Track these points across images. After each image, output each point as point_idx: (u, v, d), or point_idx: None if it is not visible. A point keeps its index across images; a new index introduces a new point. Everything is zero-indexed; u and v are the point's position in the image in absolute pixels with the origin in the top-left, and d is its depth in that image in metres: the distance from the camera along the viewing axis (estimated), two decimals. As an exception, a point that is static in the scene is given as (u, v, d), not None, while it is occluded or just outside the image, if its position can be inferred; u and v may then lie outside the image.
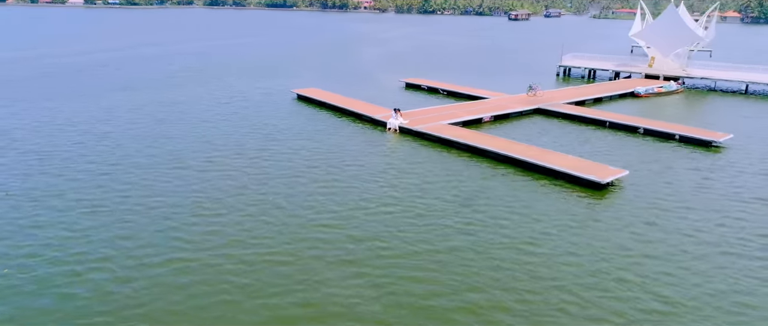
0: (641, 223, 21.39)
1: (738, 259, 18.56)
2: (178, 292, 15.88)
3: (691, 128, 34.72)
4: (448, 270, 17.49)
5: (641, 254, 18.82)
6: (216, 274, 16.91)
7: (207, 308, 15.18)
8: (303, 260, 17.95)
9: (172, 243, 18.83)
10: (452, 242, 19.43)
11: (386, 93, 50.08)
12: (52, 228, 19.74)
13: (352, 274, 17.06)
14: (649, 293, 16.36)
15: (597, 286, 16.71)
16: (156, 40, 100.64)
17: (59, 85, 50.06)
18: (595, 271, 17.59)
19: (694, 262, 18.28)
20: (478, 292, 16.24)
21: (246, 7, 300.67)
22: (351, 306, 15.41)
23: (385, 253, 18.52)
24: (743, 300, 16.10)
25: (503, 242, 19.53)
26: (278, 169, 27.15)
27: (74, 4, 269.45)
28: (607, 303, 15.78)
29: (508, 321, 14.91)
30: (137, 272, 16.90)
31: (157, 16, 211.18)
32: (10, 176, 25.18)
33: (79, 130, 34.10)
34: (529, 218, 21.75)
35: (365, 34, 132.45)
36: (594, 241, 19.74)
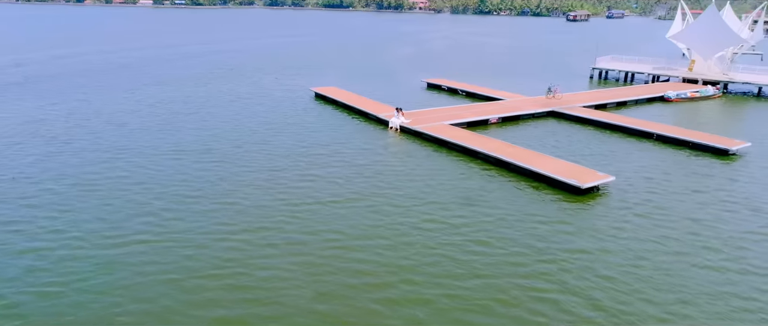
0: (610, 228, 20.85)
1: (690, 268, 17.81)
2: (124, 268, 17.03)
3: (706, 135, 33.07)
4: (376, 261, 17.80)
5: (594, 259, 18.40)
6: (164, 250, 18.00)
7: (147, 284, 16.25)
8: (250, 246, 18.75)
9: (135, 219, 20.12)
10: (394, 237, 19.64)
11: (407, 92, 50.46)
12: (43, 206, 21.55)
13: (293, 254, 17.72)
14: (577, 296, 16.06)
15: (530, 286, 16.57)
16: (205, 39, 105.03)
17: (103, 79, 53.48)
18: (533, 272, 17.40)
19: (643, 270, 17.69)
20: (409, 285, 16.47)
21: (304, 7, 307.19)
22: (280, 289, 16.05)
23: (325, 241, 19.01)
24: (679, 311, 15.52)
25: (453, 240, 19.56)
26: (268, 161, 28.18)
27: (144, 5, 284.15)
28: (531, 304, 15.64)
29: (426, 316, 15.09)
30: (91, 243, 18.24)
31: (217, 16, 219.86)
32: (26, 157, 27.47)
33: (102, 120, 36.53)
34: (493, 217, 21.67)
35: (408, 34, 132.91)
36: (549, 243, 19.44)
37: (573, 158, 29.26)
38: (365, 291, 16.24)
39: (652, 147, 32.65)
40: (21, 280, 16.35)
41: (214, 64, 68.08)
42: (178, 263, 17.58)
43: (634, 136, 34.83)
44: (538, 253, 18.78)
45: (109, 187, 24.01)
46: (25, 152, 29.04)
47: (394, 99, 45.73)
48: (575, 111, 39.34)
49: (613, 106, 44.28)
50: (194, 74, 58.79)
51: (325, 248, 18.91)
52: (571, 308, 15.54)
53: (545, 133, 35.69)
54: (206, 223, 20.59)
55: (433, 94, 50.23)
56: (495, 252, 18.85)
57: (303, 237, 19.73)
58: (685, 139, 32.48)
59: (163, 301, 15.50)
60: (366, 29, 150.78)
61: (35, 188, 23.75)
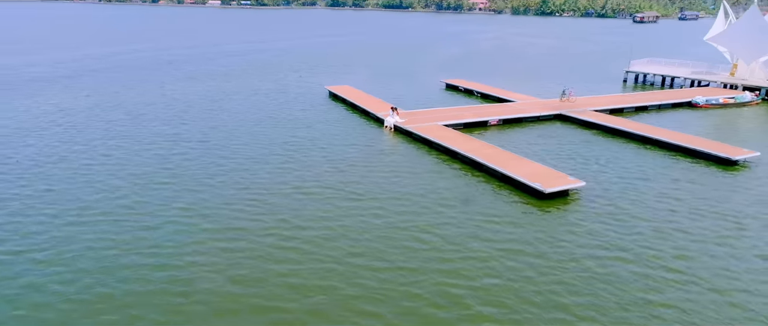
0: (559, 232, 20.35)
1: (617, 276, 17.15)
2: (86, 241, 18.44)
3: (713, 143, 31.22)
4: (311, 255, 18.30)
5: (523, 260, 18.08)
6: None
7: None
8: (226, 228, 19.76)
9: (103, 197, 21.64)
10: (335, 226, 20.06)
11: (424, 92, 50.54)
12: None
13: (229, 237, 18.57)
14: (483, 294, 15.93)
15: (442, 281, 16.58)
16: (255, 38, 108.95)
17: (140, 74, 56.92)
18: (453, 269, 17.34)
19: (565, 274, 17.21)
20: (316, 262, 16.90)
21: (364, 8, 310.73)
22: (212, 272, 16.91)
23: (264, 227, 19.69)
24: (588, 316, 15.07)
25: (388, 232, 19.76)
26: (251, 150, 29.33)
27: (213, 5, 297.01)
28: (435, 298, 15.67)
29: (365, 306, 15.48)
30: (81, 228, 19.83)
31: (278, 16, 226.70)
32: (39, 141, 29.97)
33: (120, 111, 39.11)
34: (442, 213, 21.71)
35: (457, 34, 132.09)
36: (484, 243, 19.26)
37: (555, 162, 28.61)
38: (277, 276, 16.80)
39: (650, 153, 31.20)
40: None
41: (252, 61, 70.69)
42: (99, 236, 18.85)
43: (636, 141, 33.43)
44: (469, 251, 18.73)
45: (95, 166, 25.87)
46: (39, 137, 31.67)
47: (408, 98, 46.27)
48: (583, 114, 38.10)
49: (632, 111, 42.44)
50: (227, 71, 61.39)
51: (262, 234, 19.61)
52: (473, 304, 15.45)
53: (542, 136, 34.84)
54: (155, 198, 21.83)
55: (449, 94, 50.02)
56: (424, 247, 19.01)
57: (242, 222, 20.55)
58: (687, 147, 30.83)
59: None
60: (416, 30, 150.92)
61: (33, 169, 25.97)
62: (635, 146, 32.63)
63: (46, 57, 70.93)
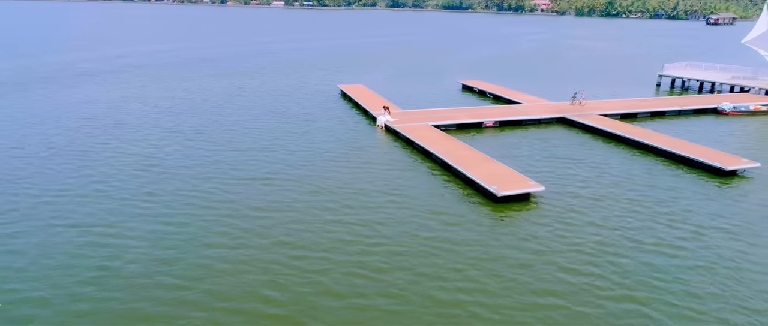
0: (498, 234, 19.95)
1: (533, 280, 16.64)
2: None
3: (711, 151, 29.34)
4: (237, 226, 18.94)
5: (451, 257, 17.90)
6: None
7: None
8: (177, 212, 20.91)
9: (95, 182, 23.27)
10: (285, 211, 20.58)
11: (439, 93, 50.38)
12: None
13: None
14: (376, 289, 15.95)
15: (353, 272, 16.75)
16: (299, 37, 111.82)
17: (172, 71, 60.02)
18: (369, 262, 17.45)
19: (476, 270, 16.90)
20: (255, 249, 17.48)
21: (424, 9, 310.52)
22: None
23: (217, 209, 20.51)
24: (482, 315, 14.82)
25: (328, 228, 20.08)
26: (241, 143, 30.43)
27: (276, 6, 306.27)
28: (350, 283, 15.89)
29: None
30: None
31: (336, 16, 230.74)
32: (54, 129, 32.49)
33: (139, 104, 41.60)
34: (390, 209, 21.80)
35: (507, 35, 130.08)
36: (421, 239, 19.24)
37: (531, 165, 27.97)
38: (204, 258, 17.54)
39: (640, 160, 29.75)
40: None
41: (285, 59, 72.76)
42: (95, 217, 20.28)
43: (631, 147, 31.98)
44: (399, 246, 18.80)
45: (97, 152, 27.77)
46: (56, 125, 34.28)
47: (419, 98, 46.47)
48: (586, 119, 36.75)
49: (647, 117, 40.46)
50: (257, 68, 63.60)
51: (216, 216, 20.44)
52: (371, 294, 15.55)
53: (536, 139, 33.90)
54: (127, 183, 23.19)
55: (464, 95, 49.55)
56: (354, 238, 19.25)
57: (202, 203, 21.50)
58: (680, 154, 29.17)
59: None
60: (465, 31, 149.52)
61: (42, 153, 28.23)
62: (628, 152, 31.23)
63: (97, 53, 76.08)
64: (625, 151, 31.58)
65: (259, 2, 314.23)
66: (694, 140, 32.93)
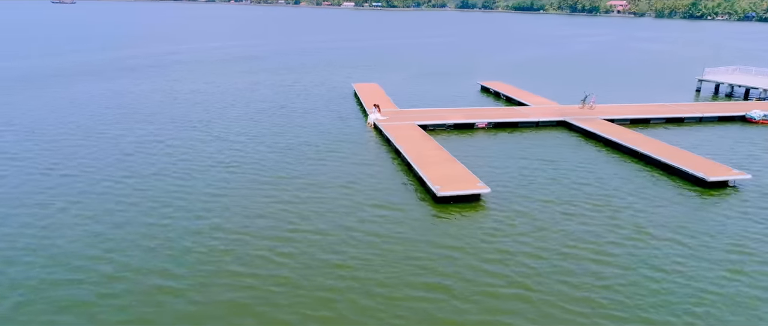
0: (427, 233, 19.69)
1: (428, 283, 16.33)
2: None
3: (700, 160, 27.23)
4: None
5: (370, 254, 17.94)
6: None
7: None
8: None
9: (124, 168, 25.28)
10: (237, 199, 21.39)
11: (453, 92, 49.88)
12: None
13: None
14: (274, 279, 16.25)
15: (284, 264, 17.21)
16: (347, 37, 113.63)
17: (207, 68, 63.04)
18: (292, 252, 17.83)
19: (396, 272, 16.80)
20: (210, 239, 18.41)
21: (494, 10, 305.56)
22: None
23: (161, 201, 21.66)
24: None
25: (266, 214, 20.65)
26: (231, 134, 31.75)
27: (347, 7, 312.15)
28: (264, 272, 16.42)
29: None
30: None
31: (400, 17, 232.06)
32: (79, 118, 35.37)
33: (160, 94, 44.20)
34: (333, 203, 22.08)
35: (564, 37, 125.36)
36: (347, 234, 19.37)
37: (494, 167, 27.22)
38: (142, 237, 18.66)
39: (621, 166, 28.14)
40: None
41: (321, 58, 74.49)
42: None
43: (620, 153, 30.34)
44: (317, 233, 19.15)
45: (102, 139, 30.04)
46: (79, 112, 37.22)
47: (429, 97, 46.38)
48: (586, 123, 35.10)
49: (661, 123, 38.01)
50: (287, 65, 65.63)
51: (161, 206, 21.61)
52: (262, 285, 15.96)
53: (520, 141, 32.80)
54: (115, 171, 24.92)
55: (480, 96, 48.68)
56: (284, 225, 19.81)
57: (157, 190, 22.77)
58: (664, 162, 27.32)
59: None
60: (522, 31, 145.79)
61: (54, 138, 30.90)
62: (616, 157, 29.63)
63: (151, 50, 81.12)
64: (613, 156, 29.98)
65: (331, 3, 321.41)
66: (699, 148, 30.75)
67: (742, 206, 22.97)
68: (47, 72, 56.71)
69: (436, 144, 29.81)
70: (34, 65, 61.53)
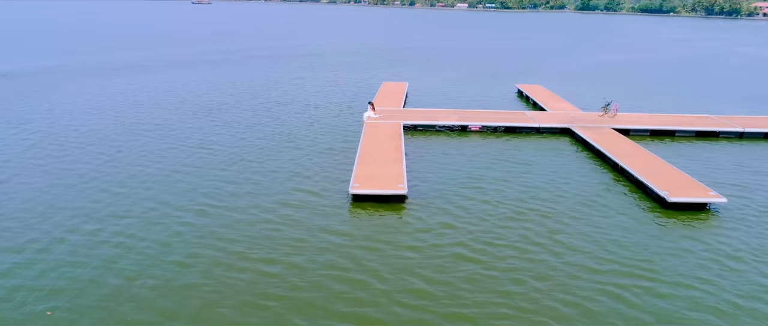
0: (330, 231, 19.73)
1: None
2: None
3: (686, 181, 23.91)
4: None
5: (279, 250, 18.50)
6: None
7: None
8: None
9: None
10: (188, 185, 23.00)
11: (486, 94, 48.27)
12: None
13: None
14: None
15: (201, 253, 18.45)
16: (441, 37, 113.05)
17: (239, 65, 66.66)
18: (193, 222, 18.90)
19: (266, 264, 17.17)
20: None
21: (617, 12, 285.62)
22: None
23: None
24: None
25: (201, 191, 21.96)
26: (247, 120, 33.80)
27: (460, 8, 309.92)
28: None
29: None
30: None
31: (512, 19, 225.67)
32: (116, 108, 39.73)
33: (186, 88, 47.75)
34: (251, 188, 22.79)
35: (667, 41, 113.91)
36: (259, 227, 20.02)
37: (443, 170, 26.15)
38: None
39: (594, 177, 25.54)
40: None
41: (385, 57, 75.35)
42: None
43: (607, 165, 27.55)
44: (203, 215, 19.74)
45: (119, 127, 33.67)
46: (117, 101, 41.70)
47: (459, 99, 45.37)
48: (587, 131, 32.25)
49: (689, 136, 33.72)
50: (321, 64, 67.00)
51: (139, 197, 23.85)
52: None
53: (505, 146, 30.90)
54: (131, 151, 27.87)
55: (513, 99, 46.50)
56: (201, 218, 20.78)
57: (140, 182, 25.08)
58: (635, 175, 24.42)
59: None
60: (632, 35, 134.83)
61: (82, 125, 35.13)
62: (595, 168, 27.01)
63: (227, 46, 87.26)
64: (595, 165, 27.36)
65: (444, 4, 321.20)
66: (710, 168, 27.09)
67: (687, 231, 19.93)
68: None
69: (399, 144, 29.13)
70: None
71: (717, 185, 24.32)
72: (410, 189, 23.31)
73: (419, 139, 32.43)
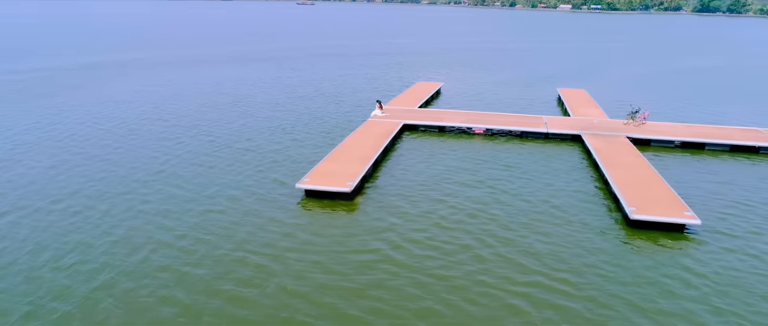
0: (279, 223, 20.23)
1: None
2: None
3: (669, 198, 21.40)
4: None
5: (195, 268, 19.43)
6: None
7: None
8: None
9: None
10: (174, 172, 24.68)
11: (524, 97, 46.07)
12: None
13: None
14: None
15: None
16: (530, 38, 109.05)
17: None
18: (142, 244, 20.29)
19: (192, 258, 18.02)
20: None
21: (741, 15, 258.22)
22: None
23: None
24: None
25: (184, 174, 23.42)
26: (265, 110, 35.39)
27: (563, 10, 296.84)
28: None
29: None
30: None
31: (619, 21, 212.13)
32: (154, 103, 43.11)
33: (214, 80, 50.21)
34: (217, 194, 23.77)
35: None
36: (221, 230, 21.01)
37: (415, 167, 25.44)
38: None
39: (577, 185, 23.48)
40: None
41: (431, 57, 74.48)
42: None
43: (597, 174, 25.22)
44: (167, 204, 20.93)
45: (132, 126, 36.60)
46: (156, 91, 45.05)
47: (499, 102, 43.83)
48: (597, 139, 29.72)
49: (721, 150, 29.94)
50: (375, 62, 67.06)
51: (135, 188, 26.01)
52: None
53: (493, 151, 29.26)
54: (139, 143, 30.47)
55: (546, 103, 43.88)
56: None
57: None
58: (612, 187, 22.22)
59: None
60: (744, 39, 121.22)
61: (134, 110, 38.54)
62: (586, 176, 24.89)
63: (272, 46, 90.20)
64: (586, 176, 25.21)
65: (546, 5, 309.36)
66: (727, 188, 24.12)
67: (638, 251, 17.76)
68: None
69: (382, 143, 28.58)
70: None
71: (714, 206, 21.58)
72: (370, 187, 23.21)
73: (418, 139, 31.70)
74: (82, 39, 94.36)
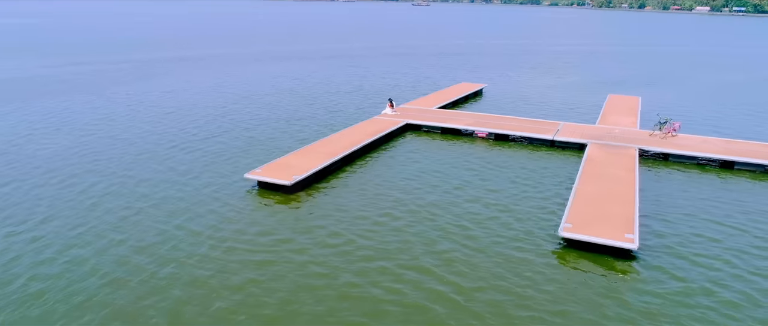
0: (233, 222, 21.41)
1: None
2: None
3: (624, 216, 19.08)
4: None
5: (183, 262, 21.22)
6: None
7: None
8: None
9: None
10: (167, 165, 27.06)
11: (573, 99, 43.39)
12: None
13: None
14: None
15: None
16: (624, 42, 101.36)
17: (285, 62, 68.48)
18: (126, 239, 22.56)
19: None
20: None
21: None
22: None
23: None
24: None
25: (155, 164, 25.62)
26: (285, 103, 37.17)
27: (699, 12, 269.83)
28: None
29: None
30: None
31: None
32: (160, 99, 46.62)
33: (215, 78, 52.22)
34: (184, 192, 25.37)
35: None
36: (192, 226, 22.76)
37: (384, 172, 25.04)
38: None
39: (548, 199, 21.68)
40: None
41: (503, 57, 71.48)
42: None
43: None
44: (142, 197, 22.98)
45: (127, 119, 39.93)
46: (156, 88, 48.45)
47: (535, 106, 41.92)
48: (600, 149, 27.02)
49: (751, 172, 25.71)
50: (439, 63, 65.72)
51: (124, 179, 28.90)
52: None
53: (488, 154, 27.69)
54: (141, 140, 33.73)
55: (587, 109, 40.50)
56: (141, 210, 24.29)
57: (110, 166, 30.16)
58: (566, 205, 20.14)
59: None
60: None
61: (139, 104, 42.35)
62: (568, 188, 22.90)
63: (314, 47, 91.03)
64: (570, 188, 23.22)
65: (680, 7, 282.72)
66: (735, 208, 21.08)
67: (552, 268, 16.04)
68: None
69: (360, 140, 28.23)
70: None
71: (682, 229, 18.90)
72: (325, 184, 23.10)
73: (418, 139, 30.93)
74: (211, 33, 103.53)
